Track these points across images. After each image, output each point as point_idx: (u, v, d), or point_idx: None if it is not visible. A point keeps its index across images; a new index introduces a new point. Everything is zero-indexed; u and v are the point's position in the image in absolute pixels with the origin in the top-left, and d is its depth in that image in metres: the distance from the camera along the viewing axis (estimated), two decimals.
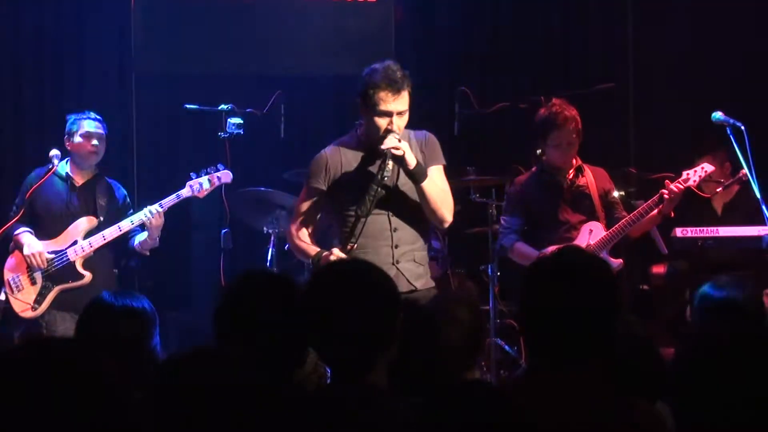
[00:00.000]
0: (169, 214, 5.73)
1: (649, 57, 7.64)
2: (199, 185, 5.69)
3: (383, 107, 4.37)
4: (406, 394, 2.47)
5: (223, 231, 6.10)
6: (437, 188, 4.49)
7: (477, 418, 1.98)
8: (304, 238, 4.60)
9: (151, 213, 5.56)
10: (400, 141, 4.36)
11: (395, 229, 4.47)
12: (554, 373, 2.44)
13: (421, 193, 4.44)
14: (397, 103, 4.38)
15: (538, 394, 2.38)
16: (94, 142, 5.76)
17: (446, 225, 4.63)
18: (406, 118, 4.45)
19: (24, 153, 7.12)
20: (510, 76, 7.61)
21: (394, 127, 4.37)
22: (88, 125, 5.77)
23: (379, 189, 4.38)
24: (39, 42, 7.24)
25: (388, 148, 4.32)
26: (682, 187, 5.29)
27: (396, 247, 4.45)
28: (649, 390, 2.73)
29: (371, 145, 4.48)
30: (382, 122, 4.40)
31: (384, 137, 4.37)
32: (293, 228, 4.63)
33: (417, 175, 4.41)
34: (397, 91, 4.36)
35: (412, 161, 4.38)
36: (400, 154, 4.34)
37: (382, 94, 4.35)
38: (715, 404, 1.90)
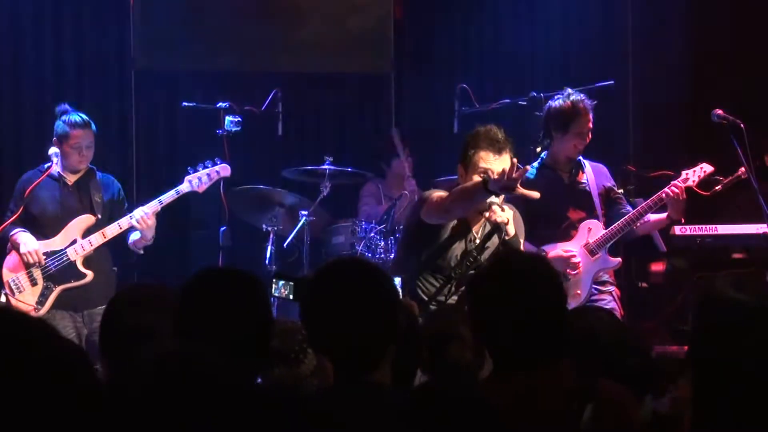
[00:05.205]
0: (168, 211, 5.71)
1: (649, 56, 7.64)
2: (198, 180, 5.64)
3: (483, 166, 4.24)
4: None
5: (222, 229, 6.11)
6: None
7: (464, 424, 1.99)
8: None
9: (140, 215, 5.48)
10: (503, 209, 4.20)
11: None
12: (512, 376, 2.46)
13: None
14: (498, 164, 4.23)
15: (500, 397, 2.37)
16: (84, 152, 5.62)
17: None
18: None
19: (23, 152, 7.10)
20: (510, 75, 7.60)
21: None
22: (76, 135, 5.58)
23: (479, 257, 4.30)
24: (38, 40, 7.23)
25: (493, 212, 4.15)
26: (682, 186, 5.25)
27: None
28: (636, 386, 2.73)
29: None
30: None
31: (488, 204, 4.20)
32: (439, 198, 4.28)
33: (512, 246, 4.25)
34: (498, 150, 4.24)
35: (511, 230, 4.23)
36: (504, 221, 4.18)
37: (483, 154, 4.23)
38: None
